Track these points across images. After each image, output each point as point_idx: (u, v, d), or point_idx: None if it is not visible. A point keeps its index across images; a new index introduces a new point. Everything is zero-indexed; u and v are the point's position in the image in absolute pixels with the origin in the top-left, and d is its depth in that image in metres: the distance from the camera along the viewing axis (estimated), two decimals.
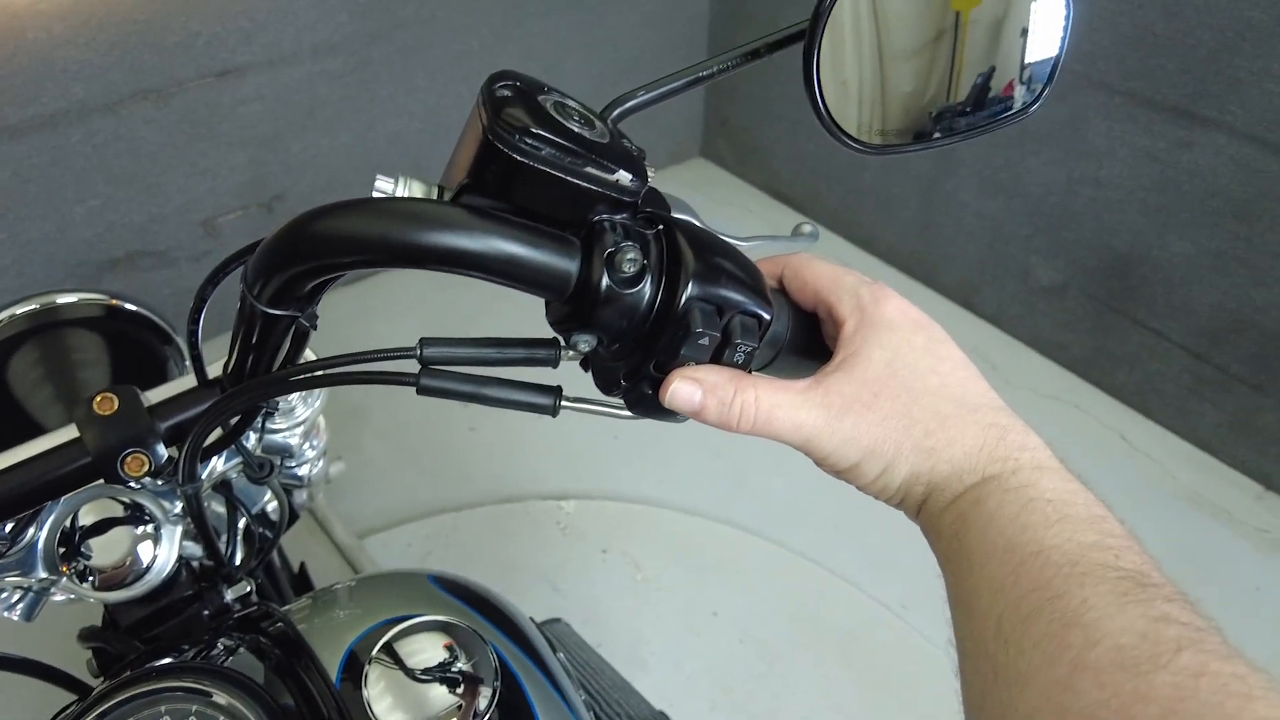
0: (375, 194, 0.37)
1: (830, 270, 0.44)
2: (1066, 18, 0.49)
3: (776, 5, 2.45)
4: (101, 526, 0.58)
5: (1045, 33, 0.51)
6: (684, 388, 0.39)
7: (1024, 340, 2.23)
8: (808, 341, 0.45)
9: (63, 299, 0.78)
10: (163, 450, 0.49)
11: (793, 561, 1.70)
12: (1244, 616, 1.64)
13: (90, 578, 0.58)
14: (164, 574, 0.59)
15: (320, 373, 0.44)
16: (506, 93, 0.36)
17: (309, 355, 0.53)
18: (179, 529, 0.60)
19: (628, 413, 0.42)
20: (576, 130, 0.37)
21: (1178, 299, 1.87)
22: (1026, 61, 0.51)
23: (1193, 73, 1.68)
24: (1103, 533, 0.34)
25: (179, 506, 0.59)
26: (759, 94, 2.62)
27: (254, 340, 0.45)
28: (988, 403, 0.40)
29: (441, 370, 0.41)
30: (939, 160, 2.22)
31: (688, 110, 2.83)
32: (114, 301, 0.79)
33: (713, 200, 2.74)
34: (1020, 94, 0.51)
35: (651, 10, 2.51)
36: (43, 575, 0.58)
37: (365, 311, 2.16)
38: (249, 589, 0.63)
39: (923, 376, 0.40)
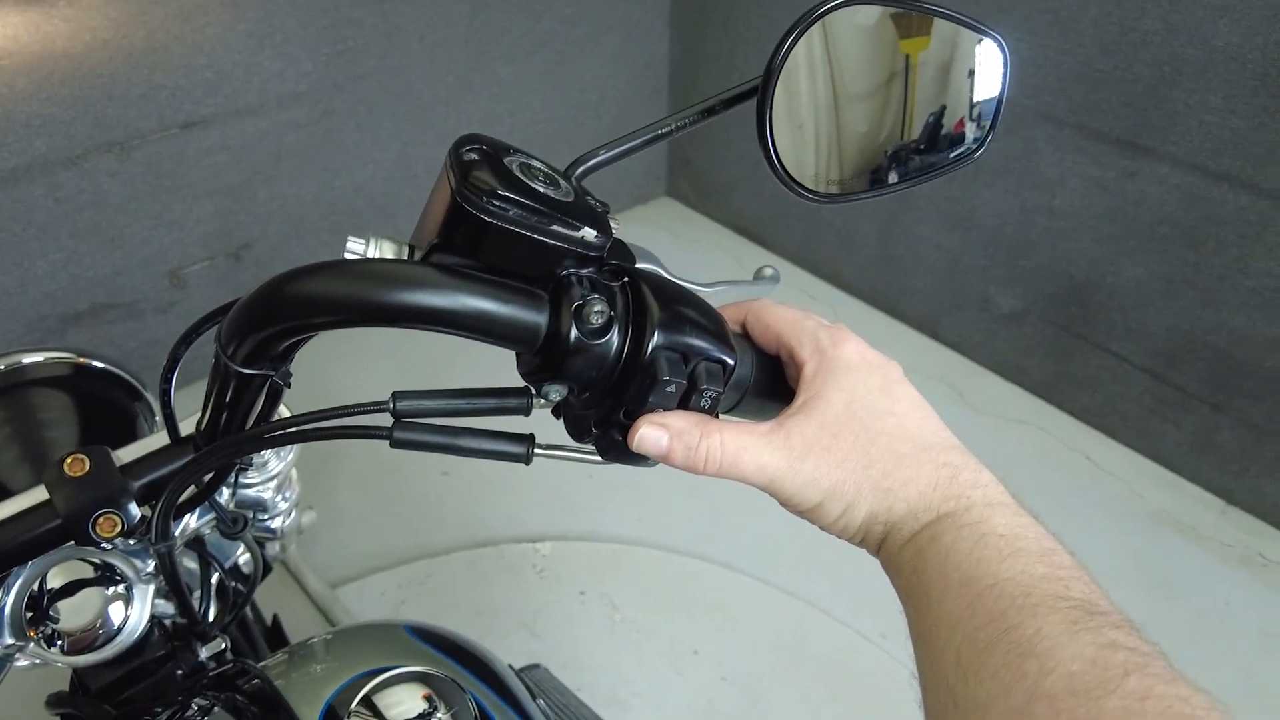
0: (347, 255, 0.38)
1: (791, 314, 0.46)
2: (1004, 63, 0.52)
3: (730, 48, 2.51)
4: (71, 589, 0.57)
5: (991, 73, 0.53)
6: (651, 433, 0.40)
7: (988, 367, 2.27)
8: (772, 384, 0.46)
9: (29, 358, 0.78)
10: (135, 510, 0.49)
11: (771, 595, 1.70)
12: (1217, 630, 1.67)
13: (59, 641, 0.57)
14: (136, 635, 0.58)
15: (294, 429, 0.45)
16: (473, 156, 0.38)
17: (283, 411, 0.53)
18: (151, 588, 0.59)
19: (600, 459, 0.43)
20: (542, 190, 0.38)
21: (1134, 322, 1.93)
22: (975, 100, 0.53)
23: (1133, 105, 1.75)
24: (1053, 565, 0.36)
25: (151, 565, 0.59)
26: (719, 136, 2.67)
27: (228, 398, 0.45)
28: (941, 441, 0.42)
29: (414, 423, 0.42)
30: (897, 197, 2.28)
31: (652, 152, 2.88)
32: (82, 360, 0.78)
33: (679, 238, 2.78)
34: (971, 130, 0.54)
35: (613, 53, 2.57)
36: (9, 641, 0.56)
37: (338, 358, 2.15)
38: (224, 645, 0.62)
39: (880, 417, 0.41)
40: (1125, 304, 1.92)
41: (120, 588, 0.58)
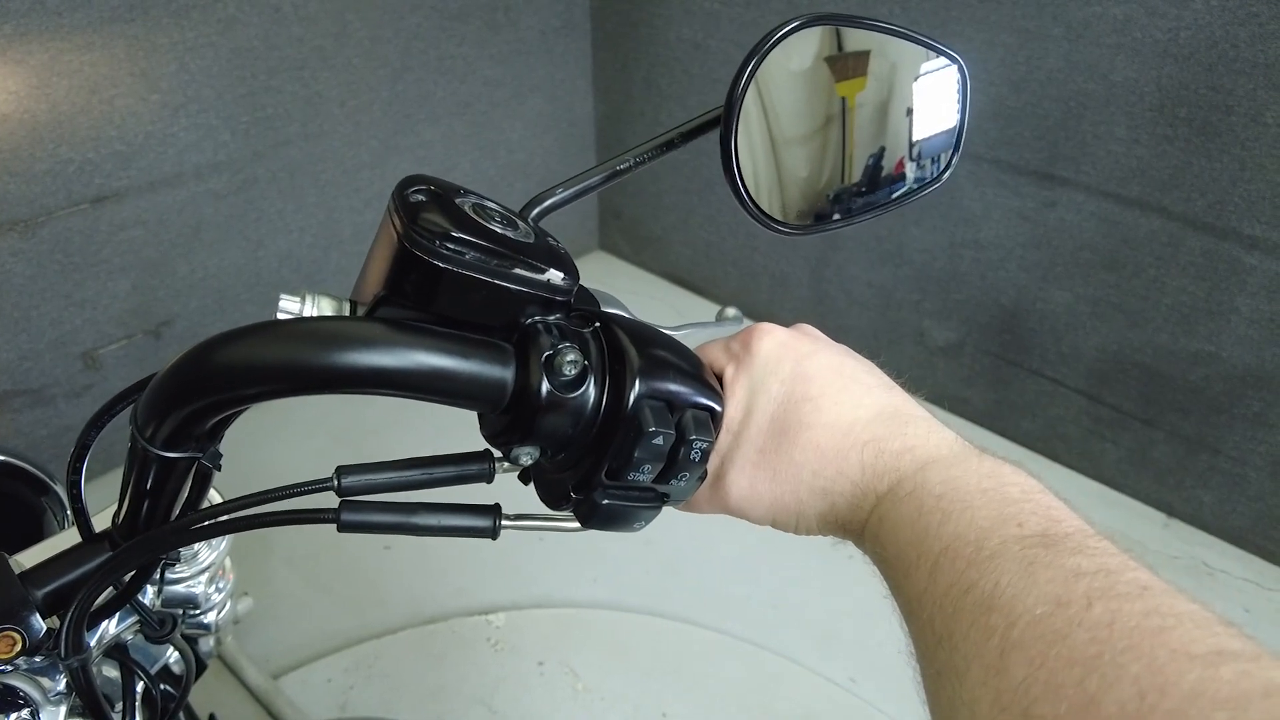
0: (280, 315, 0.34)
1: (706, 351, 0.45)
2: (962, 82, 0.51)
3: (655, 105, 2.55)
4: None
5: (929, 110, 0.53)
6: None
7: (929, 399, 2.25)
8: None
9: None
10: (39, 623, 0.43)
11: (736, 648, 1.65)
12: None
13: None
14: None
15: (225, 519, 0.40)
16: (421, 197, 0.34)
17: (213, 496, 0.48)
18: (62, 709, 0.52)
19: (577, 526, 0.39)
20: (499, 231, 0.35)
21: (1065, 346, 1.98)
22: (914, 139, 0.52)
23: (1046, 138, 1.83)
24: (999, 503, 0.35)
25: (62, 683, 0.52)
26: (648, 187, 2.69)
27: (148, 485, 0.40)
28: (861, 416, 0.40)
29: (363, 501, 0.37)
30: (825, 237, 2.32)
31: (582, 206, 2.89)
32: None
33: (616, 291, 2.74)
34: (911, 170, 0.53)
35: (539, 114, 2.57)
36: None
37: (265, 434, 2.05)
38: None
39: (793, 412, 0.40)
40: (1056, 329, 1.97)
41: (24, 713, 0.50)
